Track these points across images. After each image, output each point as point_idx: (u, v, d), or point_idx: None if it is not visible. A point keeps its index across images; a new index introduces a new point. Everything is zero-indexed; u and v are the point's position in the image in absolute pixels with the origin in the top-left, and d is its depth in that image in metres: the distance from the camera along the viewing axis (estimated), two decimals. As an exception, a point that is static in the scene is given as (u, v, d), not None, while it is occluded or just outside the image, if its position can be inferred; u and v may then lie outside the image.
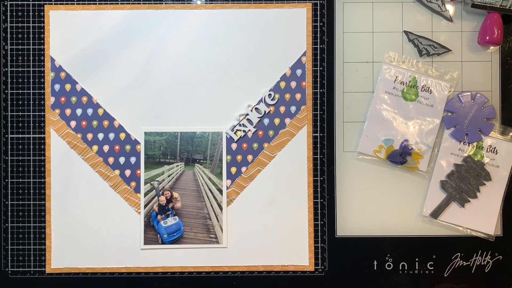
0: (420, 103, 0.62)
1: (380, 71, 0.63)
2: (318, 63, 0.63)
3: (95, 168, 0.63)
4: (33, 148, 0.63)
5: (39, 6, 0.63)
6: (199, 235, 0.63)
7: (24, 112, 0.63)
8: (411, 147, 0.62)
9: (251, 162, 0.63)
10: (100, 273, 0.63)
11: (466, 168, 0.62)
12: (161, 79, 0.63)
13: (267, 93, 0.63)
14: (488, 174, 0.62)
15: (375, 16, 0.64)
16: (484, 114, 0.62)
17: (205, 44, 0.63)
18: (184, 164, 0.64)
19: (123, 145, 0.63)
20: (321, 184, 0.63)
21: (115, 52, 0.63)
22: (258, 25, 0.63)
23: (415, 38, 0.63)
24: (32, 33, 0.63)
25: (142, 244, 0.63)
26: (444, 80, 0.63)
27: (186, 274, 0.63)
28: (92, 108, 0.63)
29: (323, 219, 0.63)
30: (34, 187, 0.63)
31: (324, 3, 0.64)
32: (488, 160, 0.62)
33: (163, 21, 0.63)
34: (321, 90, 0.64)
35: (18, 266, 0.63)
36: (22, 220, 0.63)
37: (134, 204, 0.63)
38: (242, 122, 0.63)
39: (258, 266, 0.63)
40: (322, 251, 0.63)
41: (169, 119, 0.63)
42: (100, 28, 0.63)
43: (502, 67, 0.63)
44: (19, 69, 0.63)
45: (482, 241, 0.63)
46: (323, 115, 0.64)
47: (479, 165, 0.62)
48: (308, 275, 0.63)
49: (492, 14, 0.61)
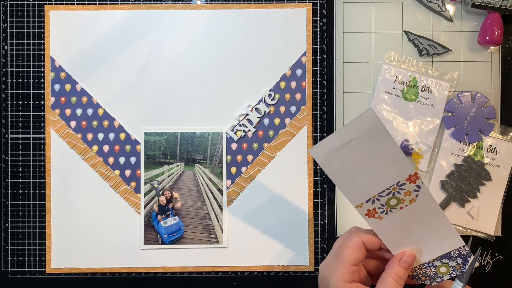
0: (420, 103, 0.62)
1: (380, 71, 0.63)
2: (318, 63, 0.64)
3: (95, 168, 0.63)
4: (33, 148, 0.63)
5: (39, 6, 0.63)
6: (199, 235, 0.63)
7: (24, 112, 0.63)
8: (411, 147, 0.62)
9: (251, 162, 0.63)
10: (100, 273, 0.63)
11: (466, 168, 0.62)
12: (161, 79, 0.63)
13: (267, 93, 0.63)
14: (488, 174, 0.62)
15: (375, 16, 0.64)
16: (484, 114, 0.62)
17: (205, 44, 0.63)
18: (184, 164, 0.64)
19: (123, 145, 0.63)
20: (321, 184, 0.63)
21: (115, 52, 0.63)
22: (258, 25, 0.63)
23: (415, 38, 0.63)
24: (32, 33, 0.63)
25: (142, 244, 0.63)
26: (444, 80, 0.63)
27: (186, 274, 0.63)
28: (92, 108, 0.63)
29: (323, 219, 0.63)
30: (34, 187, 0.63)
31: (324, 3, 0.64)
32: (488, 160, 0.62)
33: (163, 21, 0.63)
34: (321, 90, 0.64)
35: (18, 266, 0.63)
36: (22, 220, 0.63)
37: (134, 204, 0.63)
38: (242, 122, 0.63)
39: (258, 266, 0.63)
40: (322, 251, 0.63)
41: (169, 119, 0.63)
42: (100, 28, 0.63)
43: (502, 67, 0.63)
44: (19, 69, 0.63)
45: (482, 241, 0.63)
46: (323, 115, 0.64)
47: (479, 165, 0.62)
48: (308, 275, 0.63)
49: (492, 14, 0.61)
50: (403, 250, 0.46)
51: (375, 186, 0.43)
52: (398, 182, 0.42)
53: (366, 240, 0.46)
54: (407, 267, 0.45)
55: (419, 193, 0.43)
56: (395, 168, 0.42)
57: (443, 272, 0.47)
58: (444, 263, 0.46)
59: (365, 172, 0.42)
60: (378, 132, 0.40)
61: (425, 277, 0.47)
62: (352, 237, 0.46)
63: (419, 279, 0.48)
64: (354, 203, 0.44)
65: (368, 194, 0.43)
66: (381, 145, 0.40)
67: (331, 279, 0.45)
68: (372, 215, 0.45)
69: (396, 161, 0.41)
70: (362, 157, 0.41)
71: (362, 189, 0.43)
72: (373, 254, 0.48)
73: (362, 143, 0.40)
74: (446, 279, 0.47)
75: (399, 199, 0.44)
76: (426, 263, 0.47)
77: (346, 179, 0.42)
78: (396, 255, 0.46)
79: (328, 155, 0.41)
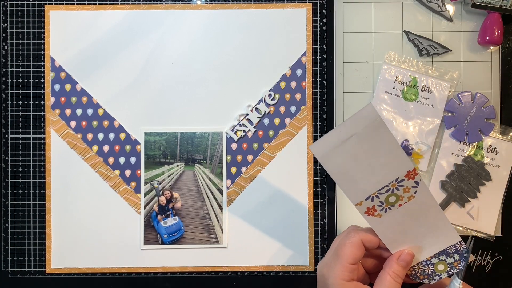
0: (420, 103, 0.62)
1: (380, 71, 0.63)
2: (318, 63, 0.64)
3: (95, 168, 0.63)
4: (33, 148, 0.63)
5: (39, 6, 0.63)
6: (199, 235, 0.63)
7: (24, 112, 0.63)
8: (411, 147, 0.62)
9: (251, 162, 0.63)
10: (100, 273, 0.63)
11: (466, 168, 0.62)
12: (161, 79, 0.63)
13: (267, 93, 0.63)
14: (488, 174, 0.62)
15: (375, 16, 0.64)
16: (484, 114, 0.62)
17: (205, 44, 0.63)
18: (184, 164, 0.64)
19: (123, 145, 0.63)
20: (321, 184, 0.63)
21: (115, 52, 0.63)
22: (258, 25, 0.63)
23: (415, 38, 0.63)
24: (32, 33, 0.63)
25: (142, 244, 0.63)
26: (444, 80, 0.63)
27: (186, 274, 0.63)
28: (92, 108, 0.63)
29: (323, 219, 0.63)
30: (34, 187, 0.63)
31: (324, 3, 0.64)
32: (488, 160, 0.62)
33: (163, 21, 0.63)
34: (321, 90, 0.64)
35: (18, 266, 0.63)
36: (22, 220, 0.63)
37: (134, 204, 0.63)
38: (242, 122, 0.63)
39: (258, 266, 0.63)
40: (322, 251, 0.63)
41: (169, 119, 0.63)
42: (100, 28, 0.63)
43: (502, 67, 0.63)
44: (19, 69, 0.63)
45: (482, 241, 0.63)
46: (323, 115, 0.64)
47: (479, 165, 0.62)
48: (308, 275, 0.63)
49: (492, 14, 0.61)
50: (402, 249, 0.46)
51: (374, 183, 0.43)
52: (397, 179, 0.43)
53: (365, 238, 0.46)
54: (405, 265, 0.45)
55: (418, 189, 0.43)
56: (394, 164, 0.42)
57: (441, 269, 0.47)
58: (441, 260, 0.47)
59: (364, 169, 0.42)
60: (377, 128, 0.40)
61: (423, 276, 0.48)
62: (351, 235, 0.46)
63: (417, 278, 0.48)
64: (354, 201, 0.44)
65: (368, 191, 0.43)
66: (381, 141, 0.41)
67: (329, 278, 0.45)
68: (371, 213, 0.45)
69: (395, 156, 0.41)
70: (362, 153, 0.41)
71: (362, 186, 0.43)
72: (371, 253, 0.48)
73: (361, 139, 0.40)
74: (444, 277, 0.47)
75: (398, 196, 0.44)
76: (424, 261, 0.47)
77: (346, 176, 0.42)
78: (394, 253, 0.46)
79: (328, 151, 0.41)
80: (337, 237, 0.49)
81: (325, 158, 0.41)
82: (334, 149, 0.41)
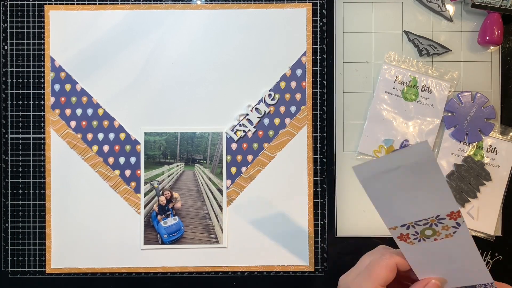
0: (420, 103, 0.62)
1: (380, 71, 0.63)
2: (318, 63, 0.64)
3: (95, 168, 0.63)
4: (33, 148, 0.63)
5: (39, 6, 0.63)
6: (199, 235, 0.63)
7: (24, 112, 0.63)
8: (411, 147, 0.62)
9: (251, 162, 0.63)
10: (100, 273, 0.63)
11: (466, 168, 0.62)
12: (161, 79, 0.63)
13: (267, 93, 0.63)
14: (488, 174, 0.62)
15: (375, 16, 0.64)
16: (484, 114, 0.62)
17: (205, 44, 0.63)
18: (184, 164, 0.64)
19: (123, 145, 0.63)
20: (321, 184, 0.63)
21: (115, 52, 0.63)
22: (258, 25, 0.63)
23: (415, 38, 0.63)
24: (32, 33, 0.63)
25: (142, 244, 0.63)
26: (444, 80, 0.63)
27: (186, 274, 0.63)
28: (92, 108, 0.63)
29: (323, 219, 0.63)
30: (34, 187, 0.63)
31: (324, 3, 0.64)
32: (488, 160, 0.62)
33: (163, 21, 0.63)
34: (321, 90, 0.64)
35: (18, 266, 0.63)
36: (22, 220, 0.63)
37: (134, 204, 0.63)
38: (242, 122, 0.63)
39: (258, 266, 0.63)
40: (322, 251, 0.63)
41: (169, 119, 0.63)
42: (100, 28, 0.63)
43: (502, 67, 0.63)
44: (19, 69, 0.63)
45: (482, 241, 0.63)
46: (323, 115, 0.64)
47: (479, 165, 0.62)
48: (308, 275, 0.63)
49: (492, 14, 0.61)
50: (429, 277, 0.46)
51: (413, 214, 0.42)
52: (438, 216, 0.42)
53: (399, 262, 0.46)
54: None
55: (458, 230, 0.42)
56: (438, 201, 0.41)
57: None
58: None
59: (406, 199, 0.41)
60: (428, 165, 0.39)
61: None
62: (386, 257, 0.45)
63: None
64: (388, 224, 0.43)
65: (405, 220, 0.43)
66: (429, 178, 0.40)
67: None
68: (404, 239, 0.44)
69: (441, 195, 0.41)
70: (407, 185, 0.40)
71: (400, 214, 0.42)
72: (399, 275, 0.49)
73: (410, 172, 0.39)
74: None
75: (435, 231, 0.43)
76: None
77: (385, 202, 0.42)
78: (421, 280, 0.46)
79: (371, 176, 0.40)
80: (366, 255, 0.48)
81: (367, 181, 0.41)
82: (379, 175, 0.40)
